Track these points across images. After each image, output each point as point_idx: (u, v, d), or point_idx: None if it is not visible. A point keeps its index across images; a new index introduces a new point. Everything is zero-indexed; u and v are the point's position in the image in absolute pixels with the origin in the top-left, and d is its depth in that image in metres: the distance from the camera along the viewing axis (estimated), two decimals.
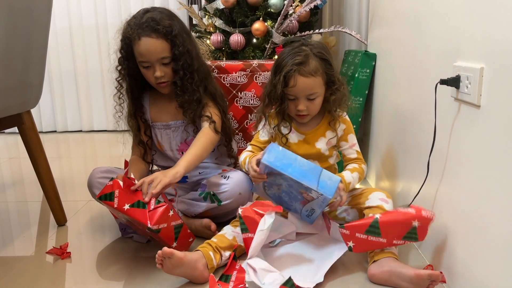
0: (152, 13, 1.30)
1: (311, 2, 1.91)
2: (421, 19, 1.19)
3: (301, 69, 1.18)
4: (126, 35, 1.29)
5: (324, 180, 1.11)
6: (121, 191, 1.10)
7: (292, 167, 1.10)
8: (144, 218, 1.06)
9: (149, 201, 1.08)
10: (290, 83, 1.19)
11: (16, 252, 1.30)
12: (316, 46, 1.23)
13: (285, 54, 1.22)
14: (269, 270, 1.03)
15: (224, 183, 1.30)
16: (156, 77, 1.29)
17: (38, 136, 1.41)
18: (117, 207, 1.08)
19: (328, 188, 1.09)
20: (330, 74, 1.23)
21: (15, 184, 1.99)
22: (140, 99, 1.42)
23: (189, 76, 1.32)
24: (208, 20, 2.13)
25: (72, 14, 2.97)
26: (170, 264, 1.01)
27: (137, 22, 1.27)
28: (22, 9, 1.21)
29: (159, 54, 1.27)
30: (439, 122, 1.04)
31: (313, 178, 1.10)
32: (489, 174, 0.82)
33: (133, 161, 1.40)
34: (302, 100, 1.22)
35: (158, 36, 1.26)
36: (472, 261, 0.89)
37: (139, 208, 1.08)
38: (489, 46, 0.82)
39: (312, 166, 1.13)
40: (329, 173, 1.14)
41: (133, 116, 1.41)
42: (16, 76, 1.26)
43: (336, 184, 1.10)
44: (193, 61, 1.32)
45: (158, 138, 1.43)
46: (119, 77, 1.37)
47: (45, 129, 3.16)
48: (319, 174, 1.12)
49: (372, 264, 1.07)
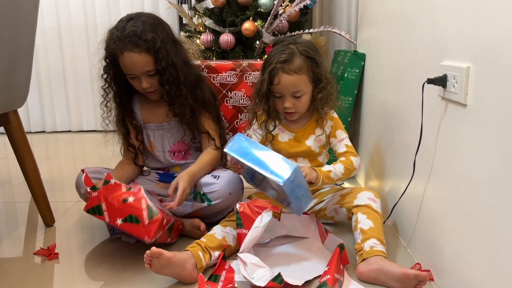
0: (135, 23, 1.26)
1: (300, 2, 1.91)
2: (409, 20, 1.20)
3: (285, 67, 1.20)
4: (109, 48, 1.28)
5: (278, 165, 1.06)
6: (107, 204, 1.10)
7: (251, 155, 1.09)
8: (140, 233, 1.08)
9: (141, 214, 1.08)
10: (275, 81, 1.21)
11: (3, 253, 1.29)
12: (303, 45, 1.25)
13: (273, 52, 1.25)
14: (259, 265, 1.04)
15: (214, 182, 1.30)
16: (143, 88, 1.30)
17: (25, 136, 1.40)
18: (109, 221, 1.09)
19: (279, 175, 1.04)
20: (316, 72, 1.25)
21: (2, 184, 1.97)
22: (130, 104, 1.41)
23: (176, 89, 1.31)
24: (198, 20, 2.13)
25: (60, 12, 2.94)
26: (159, 264, 1.01)
27: (119, 36, 1.25)
28: (8, 6, 1.20)
29: (143, 68, 1.26)
30: (427, 121, 1.05)
31: (268, 165, 1.06)
32: (476, 173, 0.83)
33: (121, 164, 1.41)
34: (288, 98, 1.23)
35: (140, 50, 1.24)
36: (460, 259, 0.90)
37: (132, 224, 1.08)
38: (475, 45, 0.83)
39: (271, 154, 1.09)
40: (287, 160, 1.08)
41: (122, 122, 1.40)
42: (2, 75, 1.24)
43: (290, 169, 1.04)
44: (178, 73, 1.30)
45: (151, 139, 1.42)
46: (105, 85, 1.35)
47: (33, 129, 3.13)
48: (275, 161, 1.07)
49: (361, 262, 1.07)
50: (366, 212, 1.18)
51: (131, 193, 1.10)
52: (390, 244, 1.22)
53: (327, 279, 0.97)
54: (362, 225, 1.15)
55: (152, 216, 1.08)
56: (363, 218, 1.17)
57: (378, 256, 1.06)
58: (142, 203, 1.09)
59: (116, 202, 1.09)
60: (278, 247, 1.24)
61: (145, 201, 1.09)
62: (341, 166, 1.26)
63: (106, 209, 1.09)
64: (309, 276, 1.06)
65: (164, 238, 1.16)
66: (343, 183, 1.78)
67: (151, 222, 1.07)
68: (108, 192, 1.11)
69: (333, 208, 1.30)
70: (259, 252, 1.18)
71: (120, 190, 1.12)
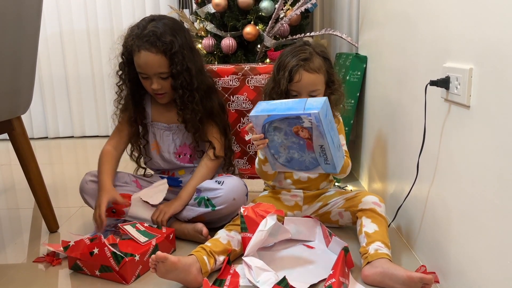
0: (156, 24, 1.28)
1: (301, 6, 1.91)
2: (411, 21, 1.20)
3: (306, 65, 1.22)
4: (128, 43, 1.29)
5: (310, 102, 1.06)
6: (81, 261, 1.14)
7: (278, 108, 1.09)
8: (118, 279, 1.09)
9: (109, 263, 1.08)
10: (295, 78, 1.22)
11: (8, 259, 1.29)
12: (317, 46, 1.28)
13: (288, 52, 1.26)
14: (264, 269, 1.04)
15: (218, 188, 1.30)
16: (152, 89, 1.31)
17: (29, 142, 1.40)
18: (91, 274, 1.13)
19: (313, 106, 1.03)
20: (331, 74, 1.28)
21: (6, 191, 1.97)
22: (142, 103, 1.42)
23: (188, 94, 1.32)
24: (200, 24, 2.14)
25: (62, 18, 2.96)
26: (164, 268, 1.01)
27: (139, 33, 1.27)
28: (11, 13, 1.20)
29: (157, 69, 1.28)
30: (430, 123, 1.05)
31: (299, 107, 1.06)
32: (480, 174, 0.83)
33: (106, 156, 1.38)
34: (304, 96, 1.24)
35: (157, 51, 1.26)
36: (465, 260, 0.90)
37: (107, 272, 1.10)
38: (478, 47, 0.83)
39: (297, 100, 1.10)
40: (315, 98, 1.09)
41: (134, 122, 1.41)
42: (6, 81, 1.25)
43: (322, 101, 1.04)
44: (192, 79, 1.32)
45: (157, 138, 1.42)
46: (119, 81, 1.37)
47: (36, 135, 3.13)
48: (304, 102, 1.07)
49: (366, 265, 1.07)
50: (370, 216, 1.18)
51: (94, 244, 1.11)
52: (395, 246, 1.22)
53: (332, 283, 0.97)
54: (367, 229, 1.15)
55: (120, 261, 1.08)
56: (368, 222, 1.17)
57: (383, 259, 1.06)
58: (106, 252, 1.09)
59: (86, 256, 1.12)
60: (283, 251, 1.23)
61: (107, 249, 1.09)
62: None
63: (83, 265, 1.14)
64: (314, 279, 1.06)
65: (148, 266, 1.13)
66: (347, 186, 1.78)
67: (121, 267, 1.08)
68: (75, 250, 1.14)
69: (337, 211, 1.30)
70: (264, 256, 1.18)
71: (84, 244, 1.13)
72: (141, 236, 1.17)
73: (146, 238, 1.17)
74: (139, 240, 1.15)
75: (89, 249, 1.11)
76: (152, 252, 1.14)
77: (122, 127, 1.43)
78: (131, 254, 1.09)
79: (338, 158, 1.11)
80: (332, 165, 1.11)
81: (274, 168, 1.21)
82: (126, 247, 1.13)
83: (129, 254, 1.10)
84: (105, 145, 1.41)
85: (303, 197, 1.36)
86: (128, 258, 1.08)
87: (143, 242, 1.15)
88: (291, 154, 1.15)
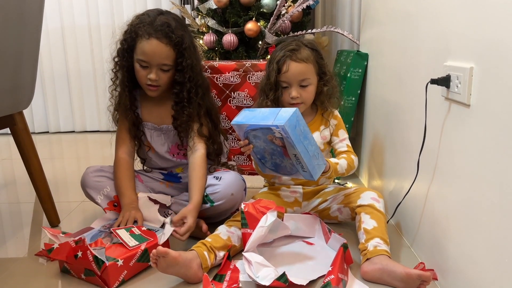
0: (167, 17, 1.29)
1: (303, 2, 1.91)
2: (412, 20, 1.20)
3: (293, 55, 1.25)
4: (135, 29, 1.27)
5: (281, 113, 1.08)
6: (68, 264, 1.13)
7: (255, 117, 1.12)
8: (100, 284, 1.08)
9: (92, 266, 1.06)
10: (283, 69, 1.25)
11: (8, 253, 1.30)
12: (306, 40, 1.32)
13: (278, 48, 1.31)
14: (264, 264, 1.04)
15: (216, 184, 1.30)
16: (149, 79, 1.28)
17: (30, 137, 1.41)
18: (78, 277, 1.13)
19: (282, 117, 1.05)
20: (321, 65, 1.30)
21: (7, 185, 1.98)
22: (134, 94, 1.40)
23: (194, 89, 1.33)
24: (201, 20, 2.13)
25: (64, 14, 2.96)
26: (165, 263, 1.02)
27: (151, 21, 1.26)
28: (13, 9, 1.21)
29: (162, 60, 1.27)
30: (430, 121, 1.06)
31: (270, 118, 1.08)
32: (480, 172, 0.83)
33: (124, 165, 1.35)
34: (295, 87, 1.26)
35: (168, 42, 1.26)
36: (464, 258, 0.91)
37: (91, 277, 1.09)
38: (479, 46, 0.83)
39: (272, 110, 1.13)
40: (288, 109, 1.09)
41: (130, 109, 1.37)
42: (8, 77, 1.25)
43: (291, 112, 1.06)
44: (197, 76, 1.33)
45: (148, 138, 1.42)
46: (115, 68, 1.35)
47: (37, 130, 3.14)
48: (277, 112, 1.09)
49: (365, 262, 1.08)
50: (369, 212, 1.18)
51: (78, 247, 1.09)
52: (394, 243, 1.22)
53: (331, 279, 0.98)
54: (366, 225, 1.15)
55: (100, 265, 1.05)
56: (367, 218, 1.17)
57: (382, 255, 1.07)
58: (88, 255, 1.07)
59: (72, 259, 1.11)
60: (283, 247, 1.24)
61: (90, 252, 1.06)
62: (345, 162, 1.27)
63: (70, 268, 1.14)
64: (314, 275, 1.06)
65: (136, 270, 1.12)
66: (346, 183, 1.79)
67: (102, 272, 1.06)
68: (60, 253, 1.11)
69: (336, 207, 1.31)
70: (264, 252, 1.19)
71: (69, 247, 1.10)
72: (131, 240, 1.13)
73: (136, 242, 1.13)
74: (128, 244, 1.12)
75: (74, 252, 1.09)
76: (140, 257, 1.12)
77: (123, 134, 1.40)
78: (113, 259, 1.06)
79: (316, 166, 1.14)
80: (308, 173, 1.14)
81: (264, 171, 1.27)
82: (113, 251, 1.09)
83: (111, 258, 1.06)
84: (119, 152, 1.37)
85: (303, 193, 1.37)
86: (109, 263, 1.04)
87: (131, 247, 1.11)
88: (274, 160, 1.20)
